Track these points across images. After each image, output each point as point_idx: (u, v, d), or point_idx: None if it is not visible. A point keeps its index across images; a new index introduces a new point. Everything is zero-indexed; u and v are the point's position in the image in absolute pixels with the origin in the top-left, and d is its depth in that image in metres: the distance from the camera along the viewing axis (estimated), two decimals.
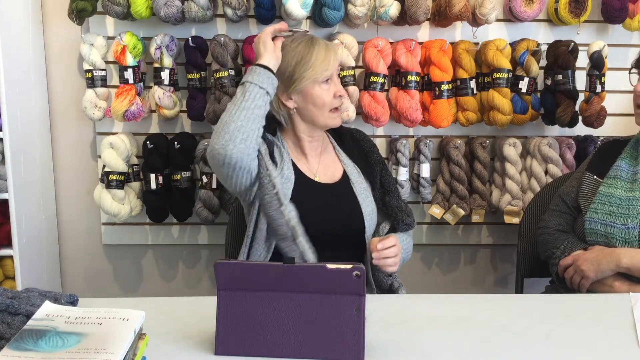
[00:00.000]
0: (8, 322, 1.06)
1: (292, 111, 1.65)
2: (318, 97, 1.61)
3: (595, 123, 2.27)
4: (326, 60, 1.59)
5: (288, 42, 1.61)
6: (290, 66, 1.60)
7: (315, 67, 1.59)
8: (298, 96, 1.62)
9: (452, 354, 1.12)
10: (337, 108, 1.65)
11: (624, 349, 1.15)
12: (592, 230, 1.62)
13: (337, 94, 1.62)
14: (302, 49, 1.59)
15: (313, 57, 1.59)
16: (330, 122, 1.65)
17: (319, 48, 1.60)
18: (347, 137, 1.78)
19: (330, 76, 1.62)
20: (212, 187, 2.29)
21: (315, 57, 1.59)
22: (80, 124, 2.43)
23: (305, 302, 1.09)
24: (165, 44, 2.22)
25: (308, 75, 1.59)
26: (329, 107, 1.62)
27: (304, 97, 1.62)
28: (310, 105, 1.62)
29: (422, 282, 2.61)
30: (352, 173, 1.72)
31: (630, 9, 2.23)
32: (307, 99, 1.62)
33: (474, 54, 2.31)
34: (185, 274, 2.59)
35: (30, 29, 2.28)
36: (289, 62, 1.59)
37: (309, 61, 1.59)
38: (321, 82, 1.60)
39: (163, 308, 1.29)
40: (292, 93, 1.62)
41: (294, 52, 1.60)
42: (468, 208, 2.37)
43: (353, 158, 1.75)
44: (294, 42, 1.61)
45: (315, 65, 1.59)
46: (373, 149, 1.78)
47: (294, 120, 1.67)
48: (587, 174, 1.73)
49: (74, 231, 2.53)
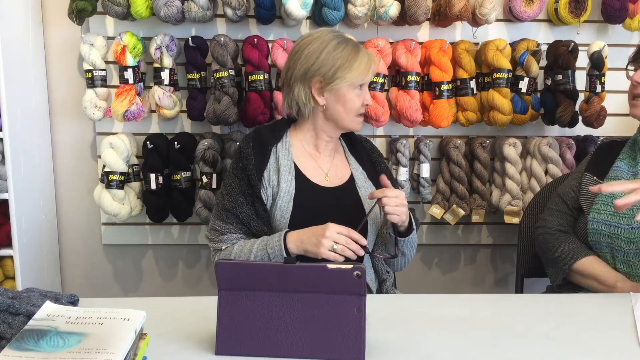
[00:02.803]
0: (9, 322, 1.06)
1: (320, 108, 1.66)
2: (350, 100, 1.64)
3: (595, 123, 2.27)
4: (367, 68, 1.64)
5: (335, 42, 1.63)
6: (334, 66, 1.61)
7: (357, 72, 1.62)
8: (330, 95, 1.64)
9: (452, 354, 1.12)
10: (362, 114, 1.70)
11: (624, 349, 1.15)
12: (596, 231, 1.62)
13: (365, 102, 1.67)
14: (348, 51, 1.63)
15: (357, 63, 1.62)
16: (354, 125, 1.70)
17: (362, 55, 1.64)
18: (358, 143, 1.81)
19: (364, 83, 1.67)
20: (212, 187, 2.29)
21: (359, 63, 1.63)
22: (80, 124, 2.43)
23: (306, 302, 1.09)
24: (165, 44, 2.23)
25: (349, 78, 1.62)
26: (356, 112, 1.66)
27: (336, 97, 1.64)
28: (339, 107, 1.65)
29: (422, 282, 2.61)
30: (359, 177, 1.73)
31: (630, 9, 2.23)
32: (340, 99, 1.64)
33: (474, 54, 2.31)
34: (185, 274, 2.59)
35: (30, 29, 2.28)
36: (334, 61, 1.61)
37: (352, 65, 1.62)
38: (355, 87, 1.64)
39: (163, 308, 1.29)
40: (327, 91, 1.64)
41: (341, 53, 1.62)
42: (468, 208, 2.37)
43: (362, 163, 1.77)
44: (342, 44, 1.64)
45: (358, 71, 1.62)
46: (380, 159, 1.81)
47: (317, 117, 1.69)
48: (587, 175, 1.73)
49: (74, 231, 2.53)
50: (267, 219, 1.62)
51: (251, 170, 1.62)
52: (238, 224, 1.62)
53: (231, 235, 1.62)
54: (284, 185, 1.63)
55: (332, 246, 1.47)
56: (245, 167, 1.63)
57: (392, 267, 1.78)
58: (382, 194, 1.53)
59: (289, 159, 1.67)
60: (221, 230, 1.63)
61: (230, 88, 2.21)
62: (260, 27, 2.34)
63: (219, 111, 2.20)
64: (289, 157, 1.68)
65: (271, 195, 1.64)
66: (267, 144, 1.67)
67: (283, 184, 1.63)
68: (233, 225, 1.62)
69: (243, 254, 1.57)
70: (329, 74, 1.61)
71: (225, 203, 1.64)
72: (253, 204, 1.62)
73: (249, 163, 1.63)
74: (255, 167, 1.63)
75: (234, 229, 1.62)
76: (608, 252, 1.61)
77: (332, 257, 1.47)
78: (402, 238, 1.63)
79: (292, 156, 1.68)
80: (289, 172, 1.65)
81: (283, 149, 1.69)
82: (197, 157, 2.30)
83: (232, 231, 1.63)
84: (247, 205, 1.62)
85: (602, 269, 1.61)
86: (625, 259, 1.58)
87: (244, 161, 1.64)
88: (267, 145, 1.67)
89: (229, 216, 1.62)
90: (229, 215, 1.62)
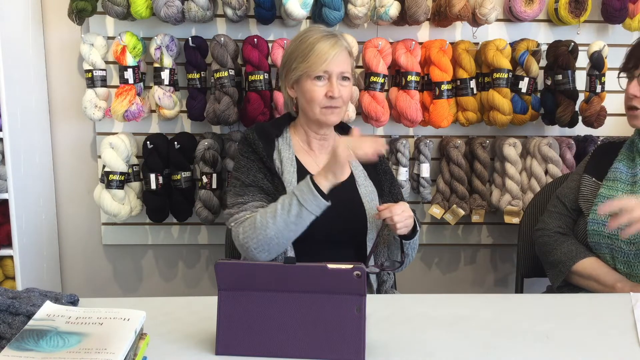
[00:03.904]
0: (9, 322, 1.06)
1: (294, 100, 1.68)
2: (308, 91, 1.61)
3: (595, 123, 2.27)
4: (323, 57, 1.58)
5: (304, 35, 1.63)
6: (292, 58, 1.62)
7: (310, 62, 1.59)
8: (298, 88, 1.65)
9: (452, 354, 1.12)
10: (331, 106, 1.63)
11: (624, 349, 1.15)
12: (596, 232, 1.62)
13: (329, 94, 1.60)
14: (309, 43, 1.60)
15: (312, 53, 1.59)
16: (322, 118, 1.64)
17: (322, 46, 1.59)
18: None
19: (326, 74, 1.60)
20: (212, 187, 2.29)
21: (315, 53, 1.58)
22: (80, 124, 2.43)
23: (306, 302, 1.09)
24: (165, 44, 2.23)
25: (302, 68, 1.60)
26: (318, 104, 1.61)
27: (300, 90, 1.64)
28: (303, 99, 1.64)
29: (422, 282, 2.61)
30: (359, 176, 1.73)
31: (630, 9, 2.23)
32: (301, 91, 1.64)
33: (474, 54, 2.31)
34: (185, 274, 2.59)
35: (30, 29, 2.28)
36: (294, 53, 1.62)
37: (307, 54, 1.59)
38: (314, 78, 1.60)
39: (163, 308, 1.29)
40: (295, 83, 1.65)
41: (301, 46, 1.61)
42: (468, 208, 2.37)
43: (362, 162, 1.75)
44: (308, 37, 1.61)
45: (311, 61, 1.59)
46: (382, 159, 1.79)
47: (300, 113, 1.71)
48: (586, 177, 1.73)
49: (74, 231, 2.53)
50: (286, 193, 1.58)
51: (261, 152, 1.62)
52: (260, 193, 1.59)
53: (256, 202, 1.58)
54: (287, 176, 1.63)
55: (348, 153, 1.45)
56: (255, 150, 1.63)
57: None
58: (390, 213, 1.52)
59: (290, 152, 1.68)
60: (244, 201, 1.58)
61: (230, 88, 2.21)
62: (260, 27, 2.34)
63: (219, 111, 2.20)
64: (290, 151, 1.68)
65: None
66: (271, 134, 1.68)
67: (286, 175, 1.63)
68: (255, 195, 1.59)
69: (270, 209, 1.51)
70: (291, 66, 1.63)
71: (244, 180, 1.60)
72: (272, 180, 1.61)
73: (258, 147, 1.63)
74: (264, 150, 1.63)
75: (258, 197, 1.58)
76: (608, 253, 1.61)
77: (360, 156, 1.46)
78: (407, 241, 1.63)
79: (292, 150, 1.69)
80: (291, 164, 1.65)
81: (284, 143, 1.69)
82: (197, 157, 2.30)
83: (256, 199, 1.58)
84: (266, 179, 1.61)
85: (601, 270, 1.61)
86: (625, 259, 1.58)
87: (253, 145, 1.63)
88: (270, 135, 1.68)
89: (251, 189, 1.59)
90: (251, 188, 1.59)
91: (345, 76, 1.62)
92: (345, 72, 1.62)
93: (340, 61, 1.61)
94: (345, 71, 1.62)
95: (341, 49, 1.61)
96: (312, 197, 1.46)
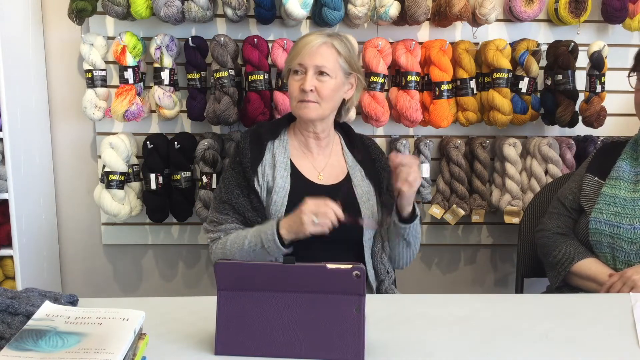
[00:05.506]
0: (8, 322, 1.06)
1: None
2: (290, 85, 1.66)
3: (595, 123, 2.27)
4: (299, 51, 1.62)
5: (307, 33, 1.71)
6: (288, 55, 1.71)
7: (290, 56, 1.66)
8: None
9: (452, 354, 1.12)
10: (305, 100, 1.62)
11: (624, 349, 1.15)
12: (597, 230, 1.62)
13: (301, 87, 1.60)
14: (300, 39, 1.66)
15: (295, 47, 1.66)
16: (298, 112, 1.65)
17: (306, 39, 1.63)
18: (356, 140, 1.79)
19: (302, 68, 1.61)
20: (212, 187, 2.29)
21: (296, 47, 1.65)
22: (80, 124, 2.43)
23: (305, 302, 1.09)
24: (165, 44, 2.23)
25: (287, 61, 1.68)
26: (294, 98, 1.64)
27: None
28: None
29: (422, 282, 2.61)
30: (356, 176, 1.72)
31: (630, 9, 2.23)
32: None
33: (474, 54, 2.31)
34: (185, 274, 2.59)
35: (30, 29, 2.28)
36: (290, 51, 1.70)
37: (291, 50, 1.67)
38: (293, 72, 1.64)
39: (163, 308, 1.29)
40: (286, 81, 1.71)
41: (295, 42, 1.69)
42: (468, 208, 2.37)
43: (360, 162, 1.75)
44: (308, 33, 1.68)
45: (291, 55, 1.66)
46: (381, 157, 1.79)
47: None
48: (588, 176, 1.73)
49: (74, 231, 2.53)
50: (261, 211, 1.65)
51: (246, 163, 1.65)
52: (234, 214, 1.65)
53: (228, 225, 1.65)
54: (280, 181, 1.65)
55: (312, 220, 1.47)
56: (241, 160, 1.66)
57: (397, 263, 1.77)
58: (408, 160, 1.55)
59: (285, 156, 1.68)
60: (219, 221, 1.67)
61: (230, 88, 2.21)
62: (260, 27, 2.34)
63: (219, 111, 2.20)
64: (286, 155, 1.69)
65: (266, 189, 1.66)
66: (264, 139, 1.70)
67: (279, 180, 1.65)
68: (230, 216, 1.65)
69: (238, 241, 1.59)
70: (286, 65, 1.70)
71: (222, 195, 1.67)
72: (248, 195, 1.65)
73: (245, 157, 1.66)
74: (250, 161, 1.65)
75: (230, 219, 1.65)
76: (609, 253, 1.61)
77: (318, 230, 1.48)
78: (406, 225, 1.65)
79: (288, 153, 1.69)
80: (284, 168, 1.66)
81: (280, 146, 1.70)
82: (197, 157, 2.30)
83: (229, 221, 1.66)
84: (243, 196, 1.65)
85: (599, 270, 1.60)
86: (626, 259, 1.58)
87: (240, 155, 1.67)
88: (263, 140, 1.69)
89: (226, 207, 1.66)
90: (226, 206, 1.66)
91: (323, 71, 1.61)
92: (323, 66, 1.60)
93: (319, 55, 1.60)
94: (323, 66, 1.60)
95: (325, 46, 1.61)
96: (274, 245, 1.54)
